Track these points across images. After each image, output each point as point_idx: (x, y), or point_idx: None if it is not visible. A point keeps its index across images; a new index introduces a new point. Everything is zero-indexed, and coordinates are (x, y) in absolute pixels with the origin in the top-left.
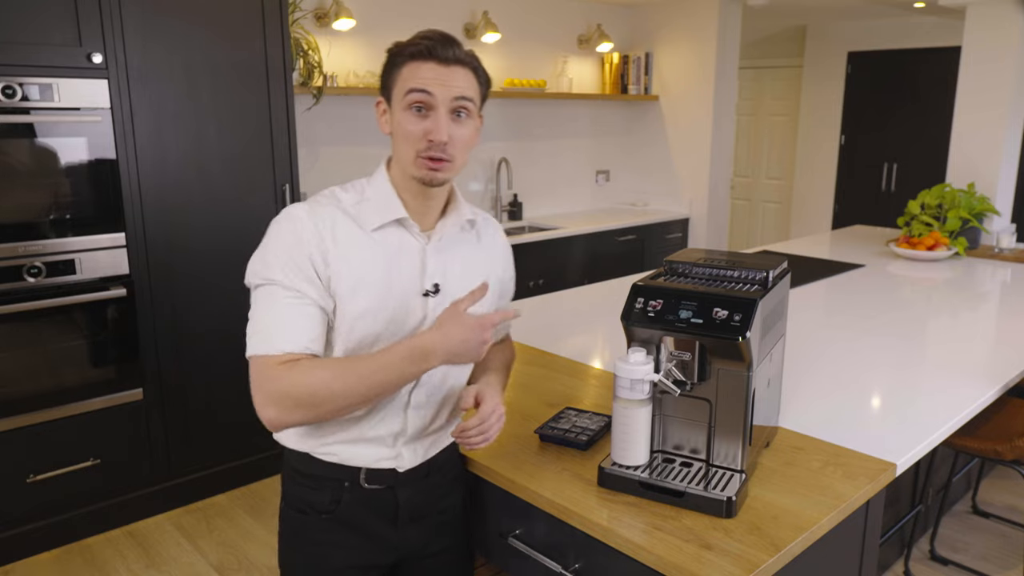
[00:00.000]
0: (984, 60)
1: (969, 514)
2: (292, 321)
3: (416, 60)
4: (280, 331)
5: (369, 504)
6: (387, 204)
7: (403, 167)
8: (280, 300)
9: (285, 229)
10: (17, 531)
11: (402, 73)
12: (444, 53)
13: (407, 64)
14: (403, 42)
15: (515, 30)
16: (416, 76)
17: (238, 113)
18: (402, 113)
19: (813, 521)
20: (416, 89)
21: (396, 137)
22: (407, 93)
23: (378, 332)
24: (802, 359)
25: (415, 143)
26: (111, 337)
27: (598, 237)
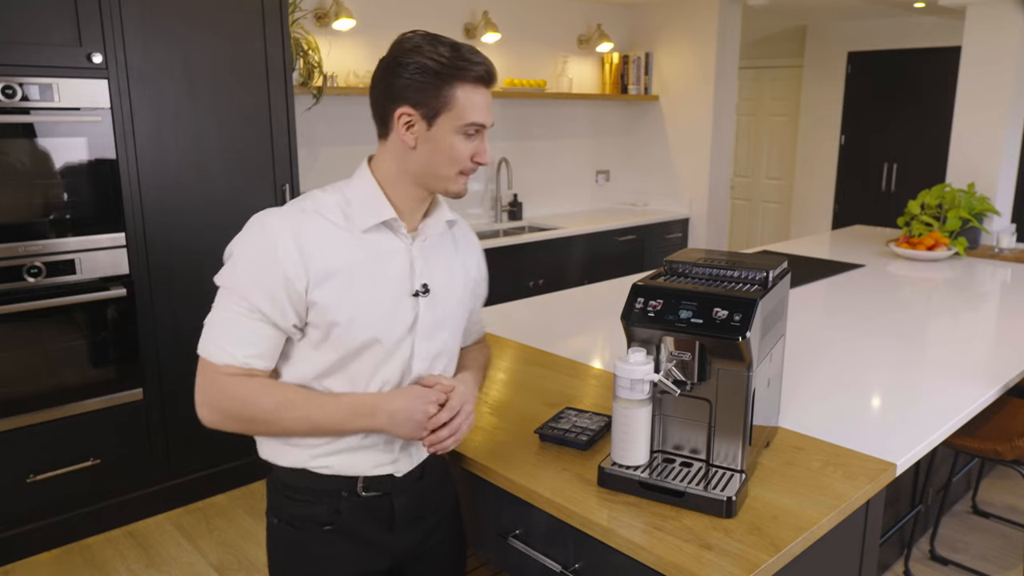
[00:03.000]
0: (984, 60)
1: (969, 514)
2: (241, 334)
3: (472, 84)
4: (227, 340)
5: (368, 512)
6: (375, 205)
7: (428, 182)
8: (234, 308)
9: (259, 241)
10: (17, 531)
11: (456, 96)
12: (494, 77)
13: (461, 87)
14: (447, 56)
15: (515, 30)
16: (475, 105)
17: (238, 113)
18: (453, 136)
19: (813, 521)
20: (478, 123)
21: (434, 154)
22: (467, 123)
23: (373, 335)
24: (802, 359)
25: (461, 164)
26: (111, 337)
27: (598, 237)
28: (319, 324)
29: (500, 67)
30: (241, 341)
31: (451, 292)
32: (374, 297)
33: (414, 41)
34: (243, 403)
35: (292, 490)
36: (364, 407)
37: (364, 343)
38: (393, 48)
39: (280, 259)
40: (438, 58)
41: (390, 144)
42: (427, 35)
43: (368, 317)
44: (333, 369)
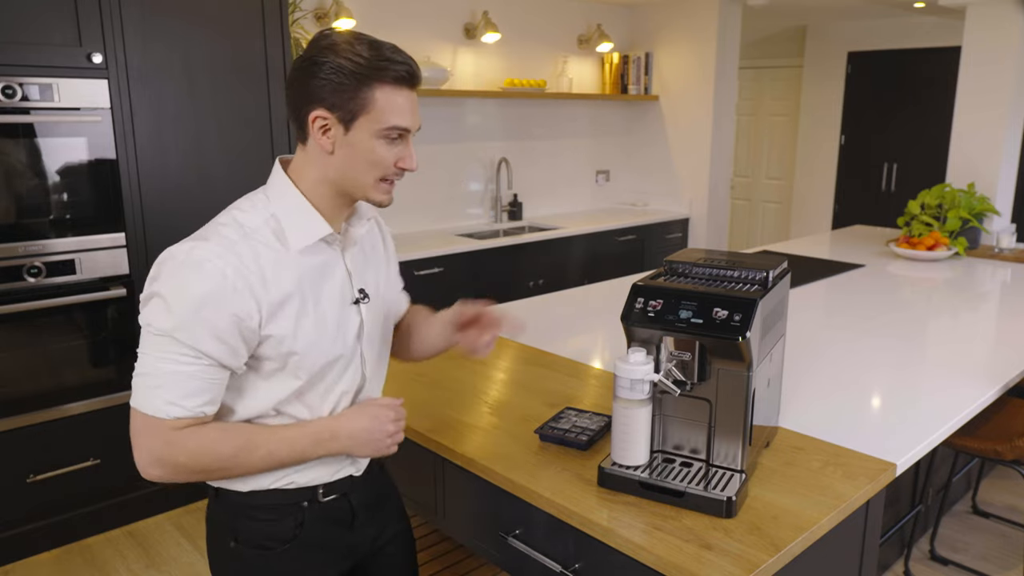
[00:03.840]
0: (984, 60)
1: (969, 514)
2: (189, 384)
3: (392, 85)
4: (175, 393)
5: (328, 517)
6: (309, 222)
7: (349, 189)
8: (176, 357)
9: (197, 281)
10: (17, 531)
11: (375, 98)
12: (418, 78)
13: (381, 87)
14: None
15: (515, 30)
16: (396, 108)
17: (238, 113)
18: (373, 140)
19: (813, 521)
20: (400, 127)
21: (353, 160)
22: (388, 127)
23: (332, 355)
24: (802, 359)
25: (384, 170)
26: (111, 337)
27: (598, 237)
28: (274, 356)
29: (500, 67)
30: (190, 392)
31: (379, 290)
32: (325, 316)
33: (331, 39)
34: (200, 455)
35: (255, 509)
36: (325, 433)
37: (325, 365)
38: (309, 47)
39: (227, 298)
40: (355, 57)
41: (309, 149)
42: (345, 33)
43: (324, 338)
44: (293, 396)
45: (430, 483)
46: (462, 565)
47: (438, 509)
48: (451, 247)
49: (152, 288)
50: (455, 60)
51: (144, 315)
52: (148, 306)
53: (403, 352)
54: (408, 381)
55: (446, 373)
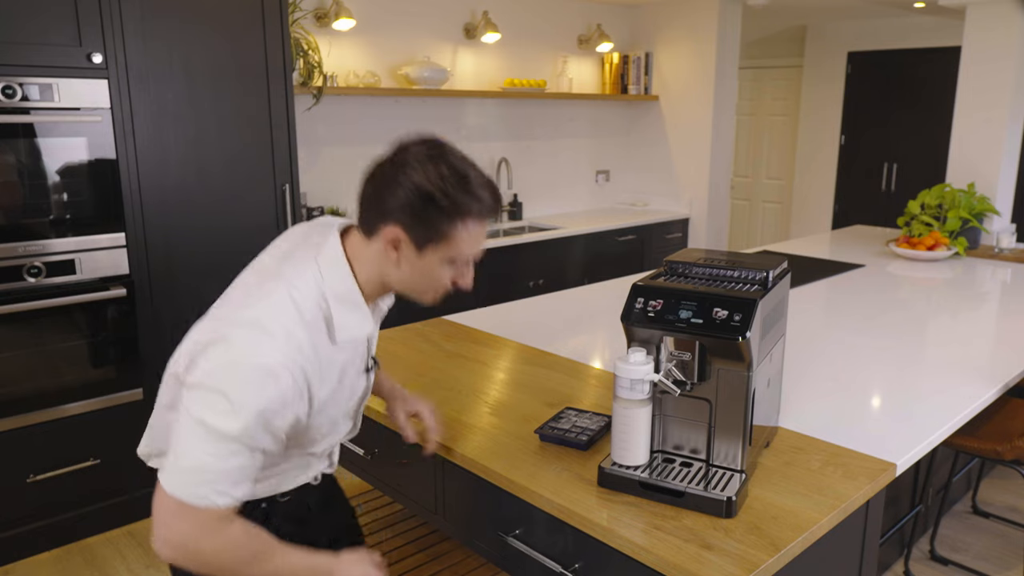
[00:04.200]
0: (984, 60)
1: (969, 514)
2: (238, 473)
3: (474, 220)
4: (223, 484)
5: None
6: (359, 321)
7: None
8: (229, 455)
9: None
10: (17, 531)
11: (456, 232)
12: (498, 211)
13: (463, 223)
14: (454, 187)
15: (515, 30)
16: (471, 241)
17: (238, 113)
18: (439, 265)
19: (813, 521)
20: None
21: (416, 277)
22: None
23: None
24: (802, 359)
25: (442, 288)
26: (111, 337)
27: (598, 237)
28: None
29: (500, 67)
30: (239, 480)
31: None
32: (342, 387)
33: (421, 155)
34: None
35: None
36: (323, 568)
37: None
38: (397, 154)
39: (292, 403)
40: (445, 188)
41: (372, 248)
42: (435, 152)
43: (339, 408)
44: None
45: (430, 483)
46: (462, 565)
47: (438, 509)
48: None
49: (212, 383)
50: (455, 60)
51: (199, 410)
52: (206, 402)
53: None
54: (408, 381)
55: (446, 373)
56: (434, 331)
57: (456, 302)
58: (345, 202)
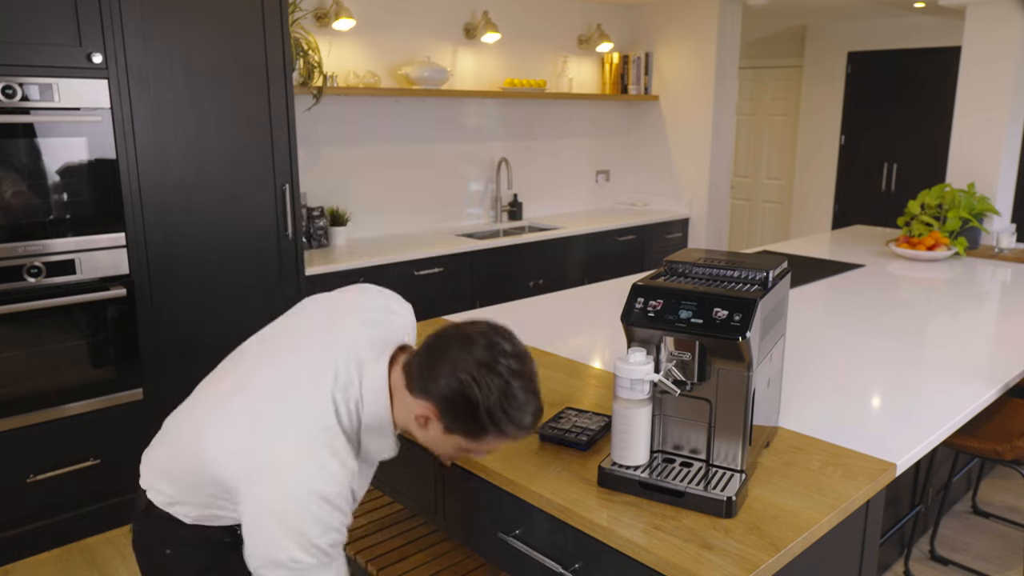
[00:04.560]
0: (984, 60)
1: (969, 514)
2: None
3: (507, 439)
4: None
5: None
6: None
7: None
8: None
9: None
10: (17, 531)
11: (487, 440)
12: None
13: (498, 435)
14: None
15: (515, 30)
16: (496, 445)
17: (238, 113)
18: (459, 448)
19: (813, 521)
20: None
21: (436, 445)
22: (480, 452)
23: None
24: (802, 359)
25: (454, 459)
26: (111, 337)
27: (598, 237)
28: None
29: (500, 67)
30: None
31: None
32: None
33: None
34: None
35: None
36: None
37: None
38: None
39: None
40: (491, 407)
41: (412, 401)
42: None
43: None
44: None
45: (430, 483)
46: (462, 565)
47: (438, 509)
48: (451, 247)
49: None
50: (455, 60)
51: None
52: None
53: None
54: None
55: None
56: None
57: (456, 302)
58: (345, 202)
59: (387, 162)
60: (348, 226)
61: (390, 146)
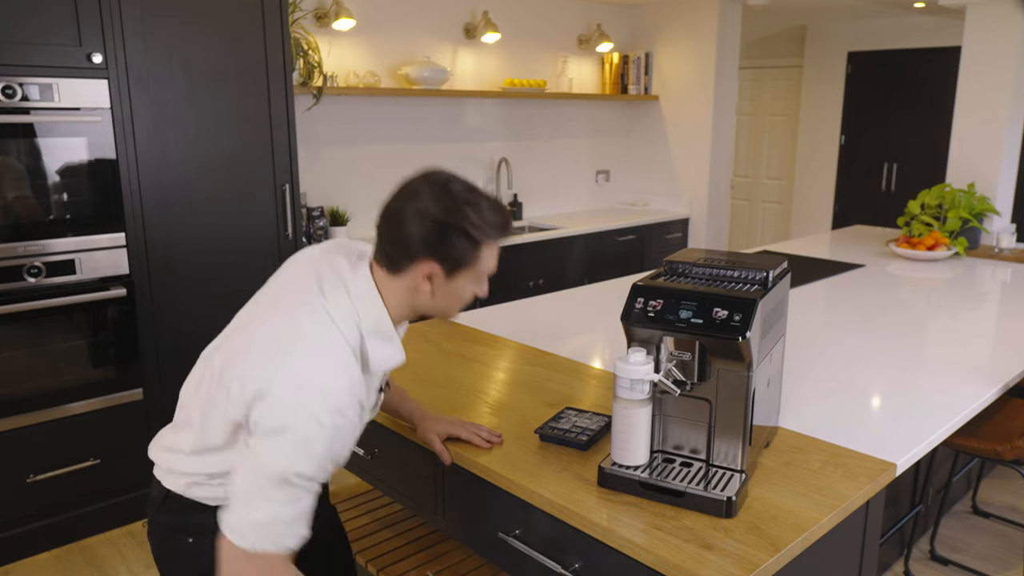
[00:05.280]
0: (984, 60)
1: (969, 514)
2: (305, 514)
3: (495, 242)
4: (299, 524)
5: None
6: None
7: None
8: (301, 495)
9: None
10: (17, 531)
11: (482, 254)
12: (511, 229)
13: (487, 246)
14: (475, 218)
15: (515, 30)
16: (493, 259)
17: (238, 113)
18: (467, 286)
19: (813, 521)
20: (493, 273)
21: (448, 300)
22: (483, 274)
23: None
24: (802, 359)
25: (466, 302)
26: (111, 337)
27: (598, 237)
28: None
29: (500, 67)
30: (307, 519)
31: None
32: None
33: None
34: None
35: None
36: None
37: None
38: (408, 191)
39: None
40: (463, 214)
41: (401, 283)
42: (443, 184)
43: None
44: None
45: (430, 483)
46: (462, 565)
47: (438, 509)
48: None
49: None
50: (455, 60)
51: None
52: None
53: None
54: (408, 381)
55: (446, 373)
56: (434, 331)
57: None
58: (345, 202)
59: (387, 162)
60: (348, 226)
61: (390, 146)
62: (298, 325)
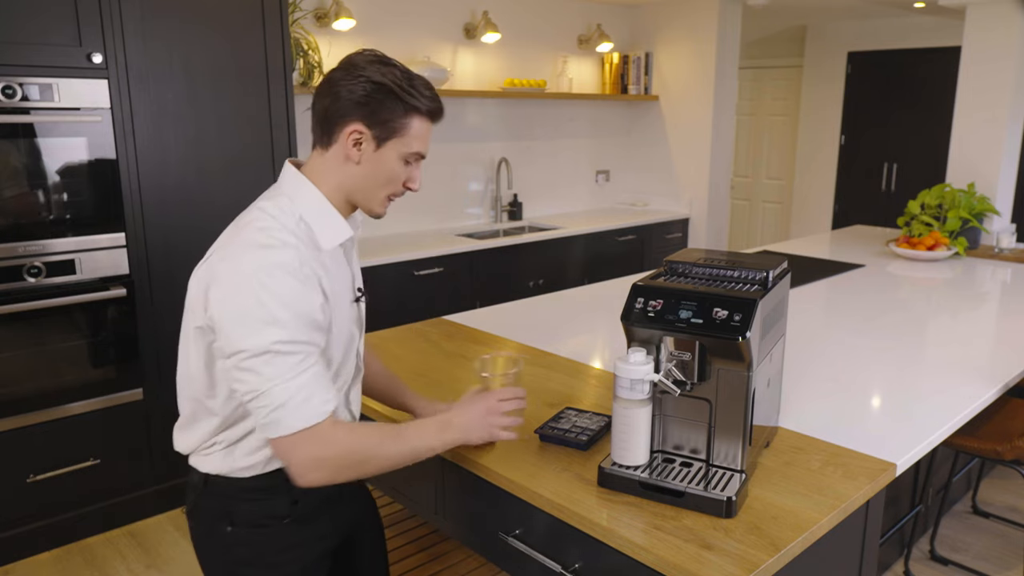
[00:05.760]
0: (984, 60)
1: (969, 514)
2: (322, 379)
3: (425, 118)
4: (319, 392)
5: (320, 493)
6: (336, 224)
7: (358, 199)
8: (303, 363)
9: (285, 279)
10: (17, 531)
11: (412, 125)
12: (442, 116)
13: (418, 117)
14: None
15: (515, 30)
16: (423, 137)
17: (238, 113)
18: (396, 161)
19: (813, 521)
20: (421, 153)
21: (370, 173)
22: (412, 152)
23: (343, 348)
24: (802, 359)
25: (395, 187)
26: (111, 337)
27: (598, 237)
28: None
29: (500, 67)
30: (327, 386)
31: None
32: (342, 310)
33: (370, 58)
34: (352, 446)
35: (249, 491)
36: (443, 423)
37: (343, 355)
38: (350, 62)
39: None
40: (400, 83)
41: (330, 157)
42: (383, 58)
43: (343, 331)
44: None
45: (430, 483)
46: (462, 565)
47: (438, 509)
48: (451, 247)
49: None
50: (455, 60)
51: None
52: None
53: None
54: (408, 381)
55: (446, 373)
56: (434, 331)
57: (456, 302)
58: None
59: None
60: None
61: None
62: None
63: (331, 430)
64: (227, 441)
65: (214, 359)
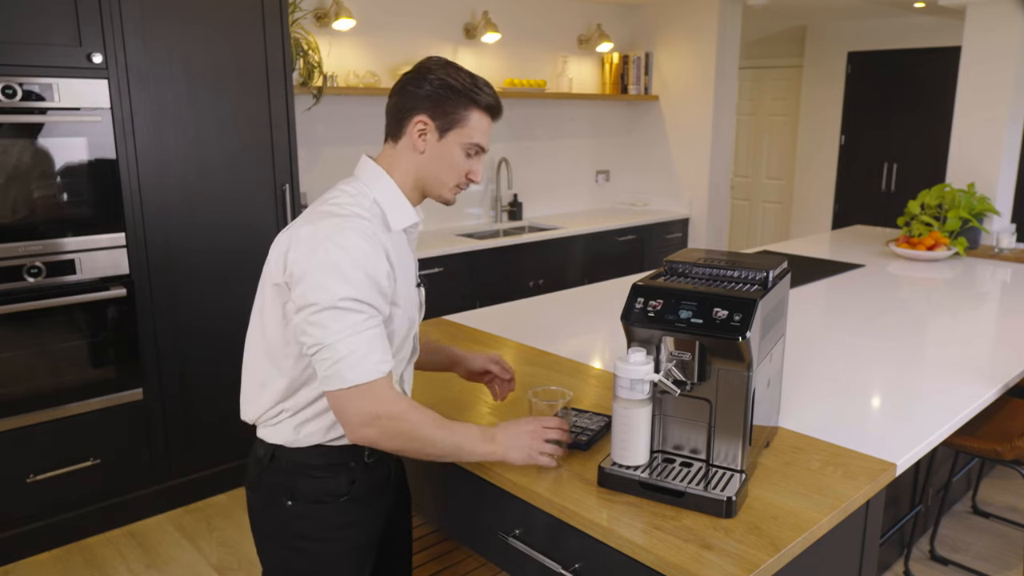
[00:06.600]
0: (984, 60)
1: (969, 514)
2: (382, 340)
3: (486, 113)
4: (378, 352)
5: (373, 477)
6: (404, 209)
7: (427, 186)
8: (365, 322)
9: (358, 242)
10: (17, 531)
11: (472, 118)
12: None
13: (478, 111)
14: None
15: (515, 30)
16: (483, 131)
17: (238, 113)
18: (458, 151)
19: (813, 521)
20: (482, 146)
21: (435, 162)
22: (473, 143)
23: (407, 325)
24: (802, 359)
25: (457, 177)
26: (111, 337)
27: (598, 237)
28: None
29: (500, 67)
30: (385, 347)
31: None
32: (408, 290)
33: (440, 62)
34: (413, 421)
35: (310, 468)
36: (488, 433)
37: (406, 332)
38: (421, 65)
39: (379, 258)
40: (461, 80)
41: (400, 148)
42: (449, 61)
43: (406, 309)
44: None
45: (430, 483)
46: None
47: (438, 509)
48: (451, 247)
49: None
50: (455, 60)
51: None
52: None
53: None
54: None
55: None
56: (434, 331)
57: (456, 302)
58: None
59: None
60: None
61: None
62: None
63: (386, 390)
64: (292, 409)
65: (289, 318)
